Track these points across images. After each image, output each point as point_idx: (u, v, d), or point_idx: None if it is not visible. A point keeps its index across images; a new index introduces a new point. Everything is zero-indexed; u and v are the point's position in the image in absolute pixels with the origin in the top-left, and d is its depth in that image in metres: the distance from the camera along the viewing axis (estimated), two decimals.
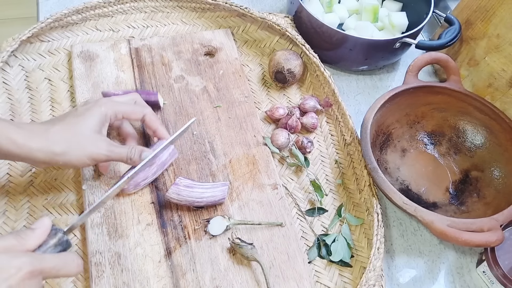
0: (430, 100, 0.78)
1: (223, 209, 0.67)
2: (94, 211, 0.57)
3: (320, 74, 0.83)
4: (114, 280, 0.60)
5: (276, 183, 0.71)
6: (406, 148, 0.80)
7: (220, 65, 0.84)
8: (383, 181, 0.65)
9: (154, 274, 0.61)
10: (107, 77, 0.79)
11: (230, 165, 0.72)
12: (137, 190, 0.67)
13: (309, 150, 0.76)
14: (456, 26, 0.85)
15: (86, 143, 0.58)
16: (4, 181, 0.68)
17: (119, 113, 0.63)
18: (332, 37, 0.84)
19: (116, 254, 0.62)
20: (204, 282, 0.61)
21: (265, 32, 0.90)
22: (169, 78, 0.81)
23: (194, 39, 0.86)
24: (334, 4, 0.95)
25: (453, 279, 0.69)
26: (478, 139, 0.78)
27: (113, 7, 0.86)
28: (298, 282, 0.63)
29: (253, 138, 0.75)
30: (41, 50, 0.82)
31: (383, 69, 0.94)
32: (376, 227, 0.65)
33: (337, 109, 0.80)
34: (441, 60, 0.78)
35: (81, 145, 0.58)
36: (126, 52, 0.82)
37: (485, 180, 0.75)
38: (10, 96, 0.76)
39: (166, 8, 0.90)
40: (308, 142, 0.76)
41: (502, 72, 0.79)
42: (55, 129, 0.57)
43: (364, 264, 0.67)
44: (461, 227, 0.61)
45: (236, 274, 0.62)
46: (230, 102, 0.79)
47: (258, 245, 0.64)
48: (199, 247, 0.64)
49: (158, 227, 0.65)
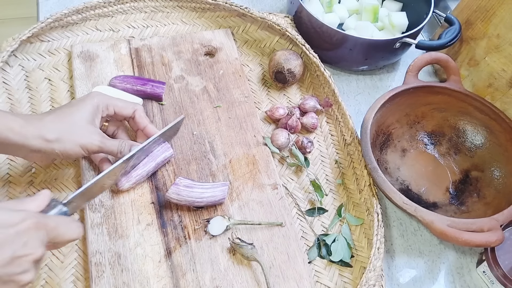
0: (430, 100, 0.78)
1: (223, 209, 0.67)
2: (92, 189, 0.59)
3: (320, 74, 0.83)
4: (114, 280, 0.60)
5: (276, 183, 0.71)
6: (406, 148, 0.80)
7: (220, 65, 0.84)
8: (383, 181, 0.65)
9: (154, 274, 0.61)
10: (107, 77, 0.79)
11: (230, 165, 0.72)
12: (130, 186, 0.66)
13: (309, 150, 0.76)
14: (456, 26, 0.85)
15: (79, 132, 0.60)
16: (4, 181, 0.68)
17: (110, 106, 0.64)
18: (332, 37, 0.84)
19: (116, 254, 0.62)
20: (204, 282, 0.61)
21: (265, 32, 0.90)
22: (169, 78, 0.81)
23: (194, 39, 0.86)
24: (334, 4, 0.95)
25: (453, 279, 0.69)
26: (478, 139, 0.78)
27: (113, 7, 0.86)
28: (298, 282, 0.63)
29: (253, 138, 0.75)
30: (41, 50, 0.82)
31: (383, 69, 0.94)
32: (376, 227, 0.65)
33: (337, 109, 0.80)
34: (441, 60, 0.78)
35: (74, 134, 0.59)
36: (126, 52, 0.82)
37: (485, 180, 0.75)
38: (10, 96, 0.76)
39: (166, 8, 0.90)
40: (308, 142, 0.76)
41: (502, 72, 0.79)
42: (49, 118, 0.59)
43: (364, 264, 0.67)
44: (461, 227, 0.61)
45: (236, 274, 0.62)
46: (230, 102, 0.79)
47: (258, 245, 0.64)
48: (199, 247, 0.64)
49: (158, 227, 0.65)
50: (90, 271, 0.60)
